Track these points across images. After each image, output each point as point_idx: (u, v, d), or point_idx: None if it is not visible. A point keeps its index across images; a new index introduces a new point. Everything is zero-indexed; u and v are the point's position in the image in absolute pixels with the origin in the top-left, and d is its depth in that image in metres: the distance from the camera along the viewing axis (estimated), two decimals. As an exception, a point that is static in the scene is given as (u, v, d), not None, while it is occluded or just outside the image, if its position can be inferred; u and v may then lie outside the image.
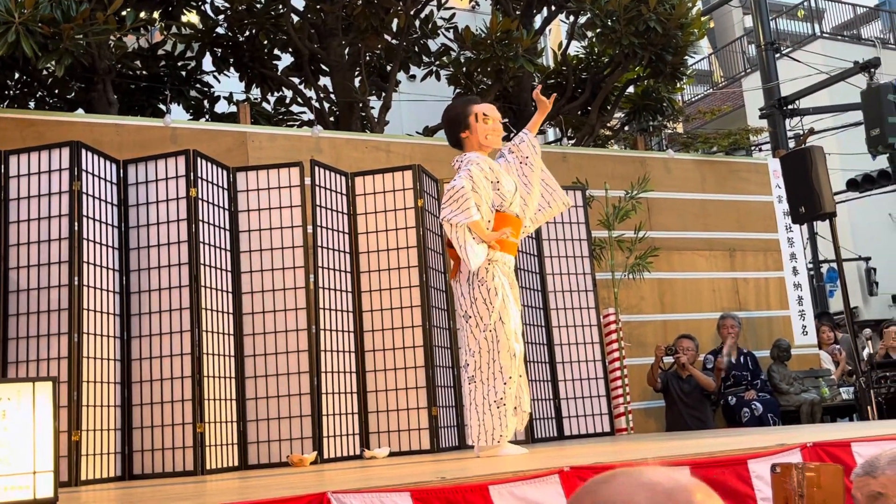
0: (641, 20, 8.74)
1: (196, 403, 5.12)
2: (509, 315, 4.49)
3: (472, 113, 4.75)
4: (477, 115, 4.74)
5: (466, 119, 4.76)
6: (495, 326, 4.45)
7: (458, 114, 4.83)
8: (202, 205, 5.41)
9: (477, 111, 4.76)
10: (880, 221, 18.53)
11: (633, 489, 0.98)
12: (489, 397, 4.45)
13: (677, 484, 0.98)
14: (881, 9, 25.88)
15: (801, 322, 8.87)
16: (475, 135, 4.74)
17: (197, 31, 9.38)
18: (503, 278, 4.56)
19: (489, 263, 4.53)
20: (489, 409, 4.45)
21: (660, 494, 0.97)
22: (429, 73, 10.23)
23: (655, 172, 8.38)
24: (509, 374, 4.43)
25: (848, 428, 5.32)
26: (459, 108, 4.86)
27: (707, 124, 17.33)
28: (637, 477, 1.00)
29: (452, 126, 4.84)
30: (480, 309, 4.50)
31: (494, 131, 4.76)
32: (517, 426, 4.64)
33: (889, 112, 9.34)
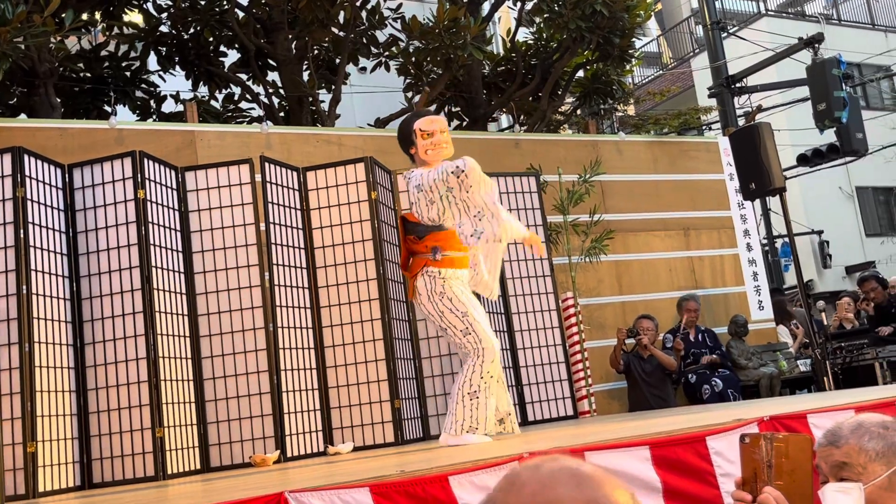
0: (588, 4, 8.78)
1: (154, 408, 5.05)
2: (482, 314, 4.58)
3: (412, 129, 4.79)
4: (416, 132, 4.77)
5: (410, 136, 4.81)
6: (473, 328, 4.51)
7: (404, 130, 4.88)
8: (151, 206, 5.32)
9: (416, 128, 4.78)
10: (831, 195, 18.84)
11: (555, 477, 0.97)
12: (464, 388, 4.51)
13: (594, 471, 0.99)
14: (824, -15, 26.25)
15: (757, 297, 8.98)
16: (419, 150, 4.79)
17: (140, 31, 9.24)
18: (462, 287, 4.62)
19: (443, 280, 4.60)
20: (462, 400, 4.50)
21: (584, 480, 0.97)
22: (378, 64, 10.18)
23: (608, 155, 8.42)
24: (488, 368, 4.47)
25: (803, 400, 5.39)
26: (405, 125, 4.90)
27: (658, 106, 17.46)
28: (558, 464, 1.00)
29: (402, 143, 4.92)
30: (451, 319, 4.58)
31: (434, 146, 4.75)
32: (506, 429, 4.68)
33: (834, 86, 9.46)
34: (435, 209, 4.66)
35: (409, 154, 4.90)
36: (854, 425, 2.14)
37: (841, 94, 9.49)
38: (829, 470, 2.12)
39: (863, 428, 2.12)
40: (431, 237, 4.69)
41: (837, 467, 2.09)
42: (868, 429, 2.11)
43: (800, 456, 2.12)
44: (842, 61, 9.71)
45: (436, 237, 4.68)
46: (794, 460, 2.10)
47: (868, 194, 19.91)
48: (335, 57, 10.01)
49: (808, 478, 2.12)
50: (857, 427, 2.12)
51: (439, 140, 4.78)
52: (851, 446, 2.09)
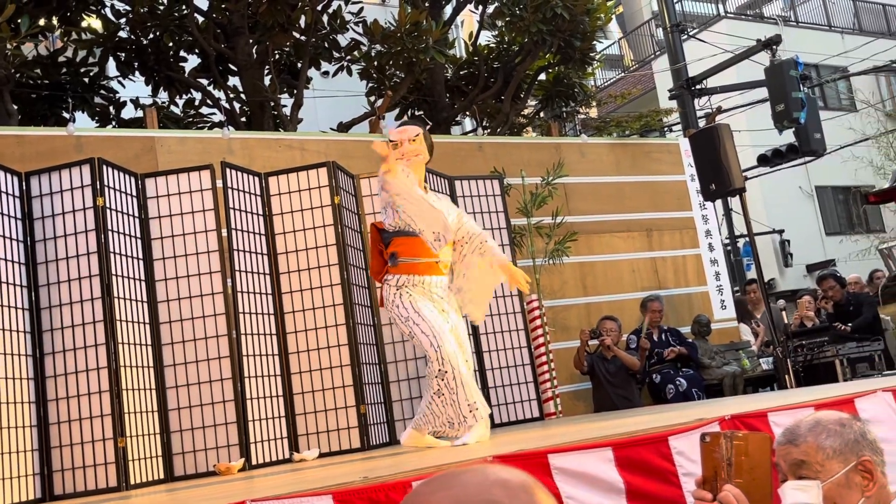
0: (548, 7, 8.82)
1: (116, 418, 4.99)
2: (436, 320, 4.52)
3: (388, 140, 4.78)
4: (388, 144, 4.74)
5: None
6: (430, 331, 4.47)
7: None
8: (110, 213, 5.26)
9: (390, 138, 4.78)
10: (792, 194, 19.10)
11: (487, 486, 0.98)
12: (430, 390, 4.50)
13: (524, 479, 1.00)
14: (781, -13, 26.60)
15: (720, 297, 9.07)
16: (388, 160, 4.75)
17: (98, 36, 9.14)
18: (419, 296, 4.56)
19: (397, 290, 4.57)
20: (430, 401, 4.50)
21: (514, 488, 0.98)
22: (340, 68, 10.15)
23: (570, 158, 8.46)
24: (446, 368, 4.44)
25: (765, 398, 5.45)
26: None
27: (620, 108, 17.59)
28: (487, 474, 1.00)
29: None
30: (401, 326, 4.59)
31: (402, 155, 4.71)
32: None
33: (792, 87, 9.58)
34: (390, 213, 4.65)
35: None
36: (812, 423, 2.16)
37: (799, 94, 9.62)
38: (787, 468, 2.14)
39: (820, 426, 2.14)
40: (393, 243, 4.67)
41: (796, 465, 2.11)
42: (826, 426, 2.14)
43: (759, 454, 2.14)
44: (799, 62, 9.84)
45: (397, 243, 4.65)
46: (753, 458, 2.12)
47: (827, 193, 20.20)
48: (297, 61, 9.97)
49: (767, 476, 2.15)
50: (814, 425, 2.15)
51: (406, 150, 4.72)
52: (809, 444, 2.11)
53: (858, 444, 2.10)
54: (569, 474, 2.87)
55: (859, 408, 3.76)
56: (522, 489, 0.97)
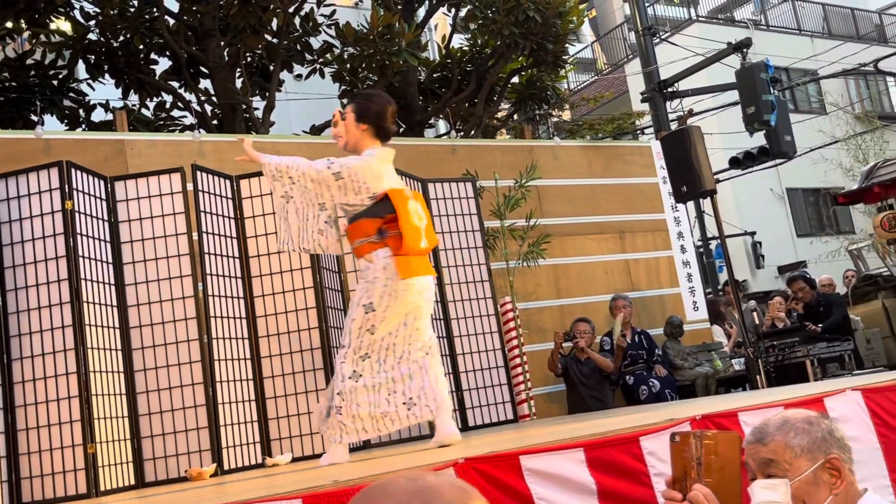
0: (521, 10, 8.85)
1: (86, 423, 4.93)
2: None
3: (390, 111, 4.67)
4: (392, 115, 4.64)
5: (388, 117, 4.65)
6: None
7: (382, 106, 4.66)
8: (79, 217, 5.20)
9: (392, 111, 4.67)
10: (763, 196, 19.26)
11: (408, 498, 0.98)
12: None
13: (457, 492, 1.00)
14: (752, -8, 26.85)
15: (692, 298, 9.12)
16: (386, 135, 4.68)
17: (68, 39, 9.05)
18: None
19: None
20: None
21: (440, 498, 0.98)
22: (313, 71, 10.12)
23: (543, 160, 8.47)
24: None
25: (736, 398, 5.48)
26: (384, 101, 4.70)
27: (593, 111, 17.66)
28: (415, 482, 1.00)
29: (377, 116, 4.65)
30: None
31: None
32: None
33: (762, 90, 9.65)
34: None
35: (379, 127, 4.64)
36: (780, 422, 2.17)
37: (769, 97, 9.69)
38: (756, 467, 2.15)
39: (788, 424, 2.15)
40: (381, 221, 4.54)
41: (765, 464, 2.12)
42: (794, 425, 2.15)
43: (729, 453, 2.15)
44: (769, 65, 9.92)
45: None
46: (723, 457, 2.13)
47: (798, 195, 20.39)
48: (269, 64, 9.93)
49: (736, 475, 2.15)
50: (782, 424, 2.16)
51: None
52: (778, 443, 2.12)
53: (826, 443, 2.11)
54: (540, 475, 2.87)
55: (829, 407, 3.80)
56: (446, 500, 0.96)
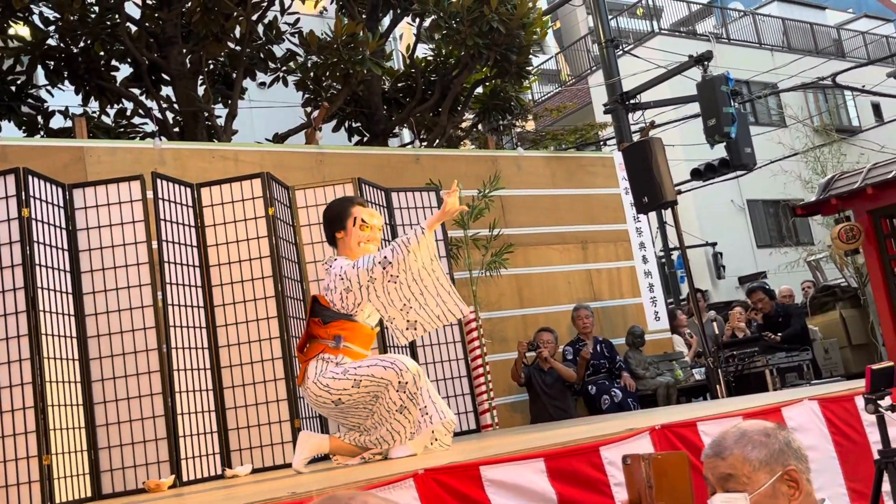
0: (484, 21, 8.87)
1: (41, 434, 4.85)
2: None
3: (350, 216, 4.51)
4: (355, 220, 4.50)
5: (344, 221, 4.52)
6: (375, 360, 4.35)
7: (336, 212, 4.58)
8: (36, 225, 5.13)
9: (356, 215, 4.51)
10: (724, 208, 19.48)
11: None
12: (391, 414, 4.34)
13: None
14: (714, 5, 27.20)
15: (654, 308, 9.18)
16: (349, 238, 4.51)
17: (26, 44, 8.92)
18: None
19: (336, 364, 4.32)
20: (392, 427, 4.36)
21: None
22: (276, 79, 10.07)
23: (507, 170, 8.49)
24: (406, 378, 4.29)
25: (695, 408, 5.53)
26: (339, 207, 4.61)
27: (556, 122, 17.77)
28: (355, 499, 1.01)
29: (329, 224, 4.61)
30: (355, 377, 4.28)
31: (370, 240, 4.52)
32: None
33: (723, 102, 9.76)
34: (351, 298, 4.35)
35: (332, 236, 4.59)
36: (737, 435, 2.15)
37: (730, 109, 9.80)
38: (715, 481, 2.13)
39: (746, 437, 2.14)
40: (337, 325, 4.38)
41: (724, 479, 2.10)
42: (751, 438, 2.13)
43: (678, 473, 2.15)
44: (730, 78, 10.04)
45: (342, 325, 4.38)
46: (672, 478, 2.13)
47: (758, 207, 20.63)
48: (231, 71, 9.86)
49: (688, 495, 2.16)
50: (740, 437, 2.14)
51: (376, 237, 4.56)
52: (736, 457, 2.10)
53: (784, 454, 2.11)
54: (501, 486, 2.86)
55: (786, 416, 3.84)
56: None
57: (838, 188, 7.10)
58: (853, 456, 3.95)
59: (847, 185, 7.05)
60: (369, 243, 4.53)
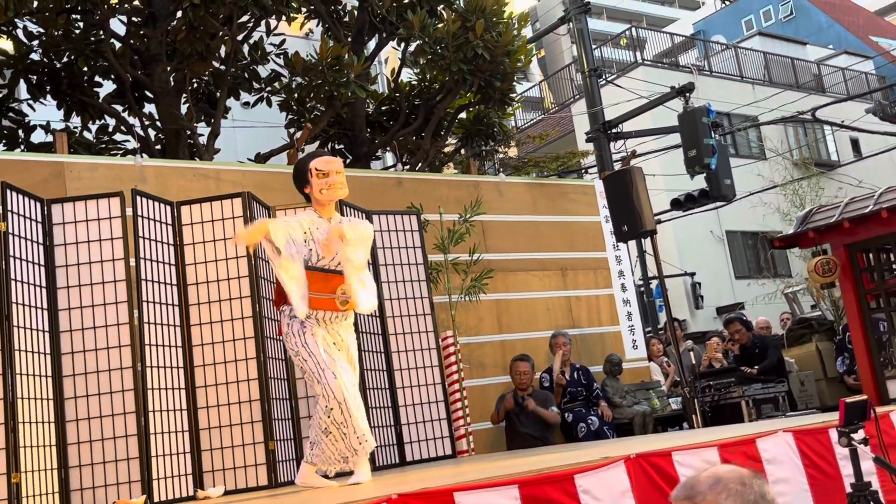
0: (469, 47, 8.93)
1: (10, 452, 4.78)
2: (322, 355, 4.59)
3: (308, 168, 4.82)
4: (311, 171, 4.79)
5: (305, 174, 4.83)
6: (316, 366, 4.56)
7: (300, 169, 4.91)
8: (13, 239, 5.08)
9: (312, 166, 4.81)
10: (703, 238, 19.60)
11: None
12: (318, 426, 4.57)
13: None
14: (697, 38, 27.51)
15: (632, 337, 9.20)
16: (313, 189, 4.81)
17: (9, 58, 8.88)
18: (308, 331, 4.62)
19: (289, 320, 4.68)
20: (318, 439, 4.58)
21: None
22: (260, 99, 10.08)
23: (488, 196, 8.52)
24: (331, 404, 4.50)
25: (671, 438, 5.53)
26: (300, 164, 4.94)
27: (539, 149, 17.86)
28: None
29: (297, 181, 4.93)
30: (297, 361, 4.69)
31: (329, 186, 4.80)
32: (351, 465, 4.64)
33: (704, 134, 9.86)
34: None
35: (303, 193, 4.92)
36: (712, 481, 2.05)
37: (710, 141, 9.90)
38: None
39: (721, 483, 2.04)
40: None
41: None
42: (727, 485, 2.03)
43: None
44: (711, 110, 10.15)
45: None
46: None
47: (737, 238, 20.78)
48: (215, 90, 9.86)
49: None
50: (715, 482, 2.04)
51: (334, 181, 4.82)
52: (708, 502, 2.04)
53: None
54: (474, 513, 2.85)
55: (761, 448, 3.85)
56: None
57: (816, 221, 7.16)
58: (826, 489, 3.96)
59: (825, 219, 7.11)
60: (331, 189, 4.81)
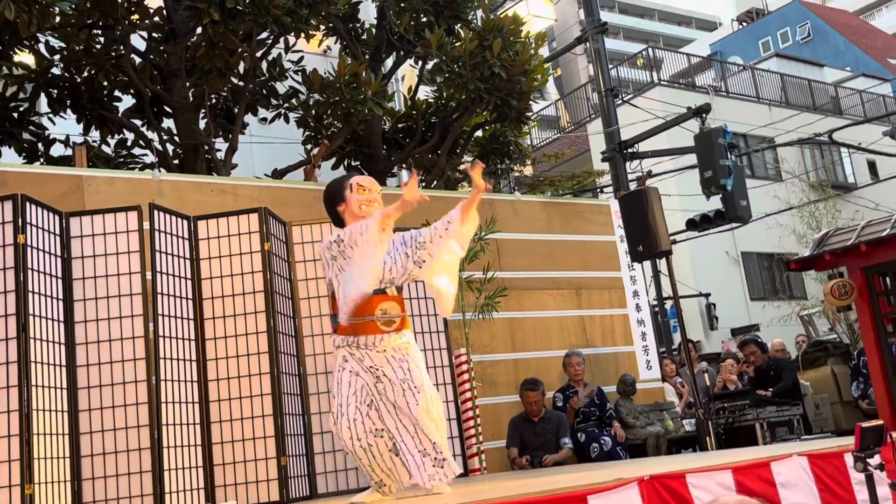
0: (486, 66, 8.96)
1: (25, 463, 4.80)
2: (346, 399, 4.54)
3: (346, 186, 4.69)
4: (351, 186, 4.66)
5: (342, 192, 4.67)
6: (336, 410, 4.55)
7: (334, 189, 4.75)
8: (31, 252, 5.13)
9: (351, 182, 4.69)
10: (718, 259, 19.52)
11: None
12: None
13: None
14: (713, 59, 27.53)
15: (646, 357, 9.17)
16: (350, 206, 4.64)
17: (31, 72, 8.98)
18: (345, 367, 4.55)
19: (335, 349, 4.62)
20: None
21: None
22: (277, 115, 10.14)
23: (504, 214, 8.52)
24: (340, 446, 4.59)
25: (685, 459, 5.50)
26: (335, 184, 4.81)
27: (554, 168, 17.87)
28: None
29: (329, 202, 4.76)
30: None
31: (370, 202, 4.67)
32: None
33: (720, 155, 9.83)
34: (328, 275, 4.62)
35: (336, 213, 4.71)
36: None
37: (726, 162, 9.88)
38: None
39: None
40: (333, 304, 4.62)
41: None
42: None
43: None
44: (727, 131, 10.12)
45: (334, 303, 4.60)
46: None
47: (753, 259, 20.69)
48: (233, 106, 9.93)
49: None
50: None
51: (374, 198, 4.70)
52: None
53: None
54: (486, 532, 2.84)
55: (775, 471, 3.82)
56: None
57: (832, 244, 7.13)
58: (841, 514, 3.93)
59: (841, 242, 7.08)
60: (371, 205, 4.66)
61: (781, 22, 35.13)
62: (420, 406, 4.44)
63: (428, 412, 4.48)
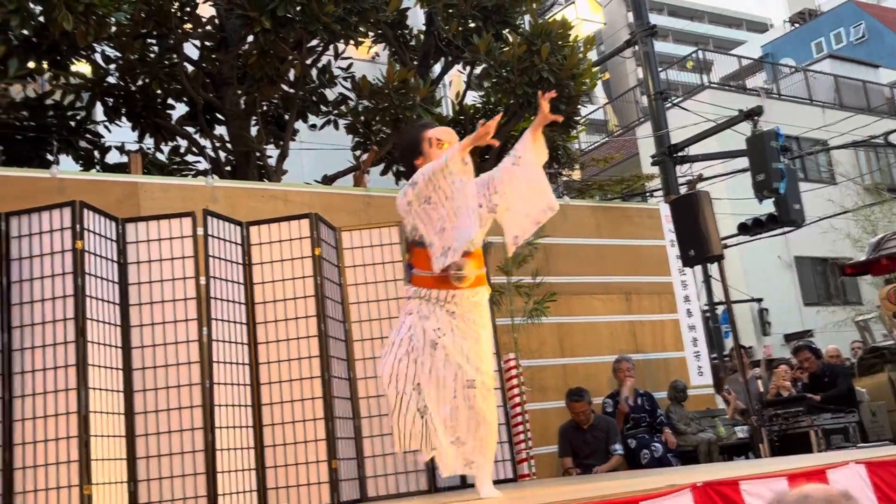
0: (535, 70, 8.95)
1: (83, 464, 4.90)
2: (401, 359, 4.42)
3: (424, 138, 4.49)
4: (430, 141, 4.47)
5: (420, 145, 4.49)
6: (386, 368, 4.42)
7: (412, 140, 4.59)
8: (89, 257, 5.23)
9: (430, 136, 4.49)
10: (771, 264, 19.26)
11: None
12: None
13: None
14: (765, 61, 27.18)
15: (697, 363, 9.07)
16: (430, 159, 4.39)
17: (87, 81, 9.17)
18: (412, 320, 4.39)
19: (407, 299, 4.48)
20: None
21: None
22: (327, 122, 10.23)
23: (552, 219, 8.38)
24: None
25: (738, 466, 5.43)
26: (412, 134, 4.64)
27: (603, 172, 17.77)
28: None
29: (406, 153, 4.62)
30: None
31: None
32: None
33: (772, 158, 9.73)
34: (408, 222, 4.40)
35: (412, 166, 4.50)
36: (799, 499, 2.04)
37: (779, 165, 9.77)
38: None
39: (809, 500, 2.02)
40: (412, 252, 4.47)
41: None
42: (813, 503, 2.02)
43: None
44: (780, 134, 10.01)
45: (414, 252, 4.45)
46: None
47: (806, 264, 20.38)
48: (284, 113, 10.04)
49: None
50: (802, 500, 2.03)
51: None
52: None
53: None
54: (538, 537, 2.84)
55: (831, 479, 3.76)
56: None
57: (889, 248, 7.01)
58: (900, 523, 3.86)
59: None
60: None
61: (835, 22, 34.54)
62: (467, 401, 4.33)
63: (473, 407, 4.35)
